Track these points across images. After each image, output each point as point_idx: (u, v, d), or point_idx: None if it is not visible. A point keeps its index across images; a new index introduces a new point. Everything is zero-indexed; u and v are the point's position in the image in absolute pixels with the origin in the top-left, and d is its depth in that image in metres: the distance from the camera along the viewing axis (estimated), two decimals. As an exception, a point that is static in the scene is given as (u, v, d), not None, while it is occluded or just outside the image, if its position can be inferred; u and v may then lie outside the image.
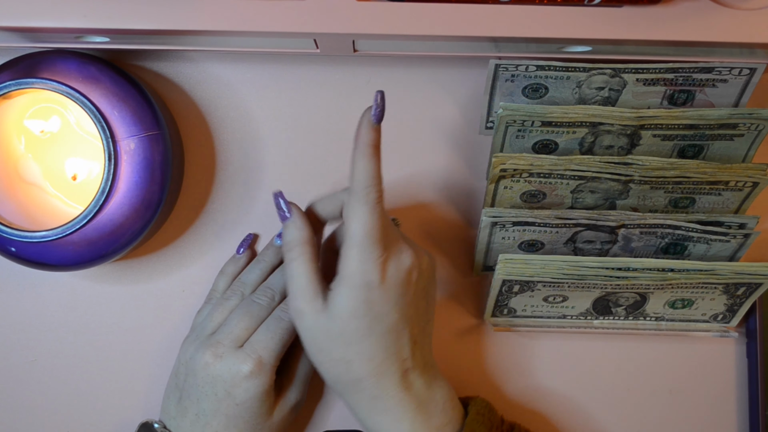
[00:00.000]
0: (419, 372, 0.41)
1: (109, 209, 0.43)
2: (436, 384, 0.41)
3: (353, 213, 0.38)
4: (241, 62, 0.50)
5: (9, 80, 0.42)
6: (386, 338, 0.39)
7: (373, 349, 0.39)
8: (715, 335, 0.51)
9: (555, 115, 0.45)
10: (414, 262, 0.39)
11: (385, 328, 0.39)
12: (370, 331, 0.39)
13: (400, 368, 0.40)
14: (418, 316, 0.41)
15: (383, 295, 0.39)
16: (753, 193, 0.46)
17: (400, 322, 0.39)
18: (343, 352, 0.39)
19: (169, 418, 0.45)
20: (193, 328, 0.47)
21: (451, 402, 0.42)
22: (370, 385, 0.39)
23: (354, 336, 0.39)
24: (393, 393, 0.40)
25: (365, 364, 0.39)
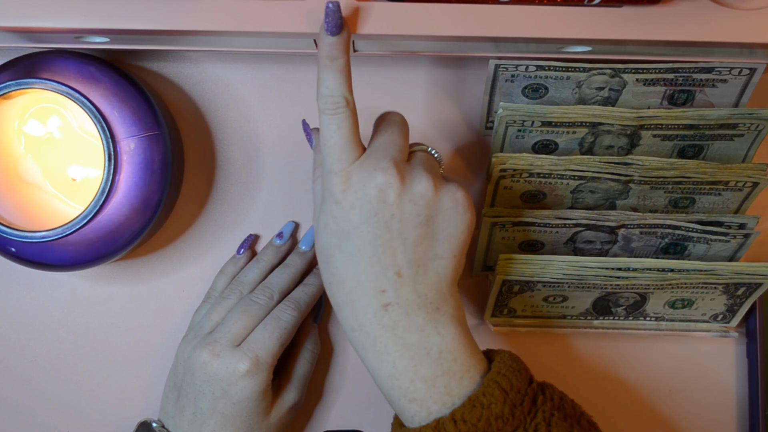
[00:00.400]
0: (408, 311, 0.36)
1: (109, 209, 0.43)
2: (436, 330, 0.36)
3: (319, 126, 0.37)
4: (241, 62, 0.50)
5: (9, 80, 0.42)
6: (355, 260, 0.36)
7: (344, 270, 0.36)
8: (715, 335, 0.51)
9: (555, 115, 0.45)
10: (390, 180, 0.36)
11: (353, 248, 0.36)
12: (339, 248, 0.36)
13: (377, 299, 0.36)
14: (407, 245, 0.36)
15: (346, 210, 0.36)
16: (753, 193, 0.46)
17: (372, 244, 0.36)
18: (325, 271, 0.38)
19: (167, 417, 0.45)
20: (191, 327, 0.47)
21: (454, 354, 0.36)
22: (347, 314, 0.37)
23: (327, 253, 0.37)
24: (369, 328, 0.36)
25: (339, 288, 0.37)
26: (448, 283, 0.37)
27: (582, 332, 0.51)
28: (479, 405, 0.34)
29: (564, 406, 0.36)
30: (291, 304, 0.46)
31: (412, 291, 0.36)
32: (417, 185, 0.36)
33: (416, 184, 0.36)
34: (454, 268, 0.37)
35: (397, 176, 0.36)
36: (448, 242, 0.37)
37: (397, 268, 0.36)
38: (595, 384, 0.51)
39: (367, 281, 0.36)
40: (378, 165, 0.36)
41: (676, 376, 0.51)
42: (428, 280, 0.36)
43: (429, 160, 0.39)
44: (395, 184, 0.36)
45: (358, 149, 0.37)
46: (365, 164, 0.36)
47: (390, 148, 0.37)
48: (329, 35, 0.36)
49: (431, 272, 0.37)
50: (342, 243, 0.36)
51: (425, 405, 0.35)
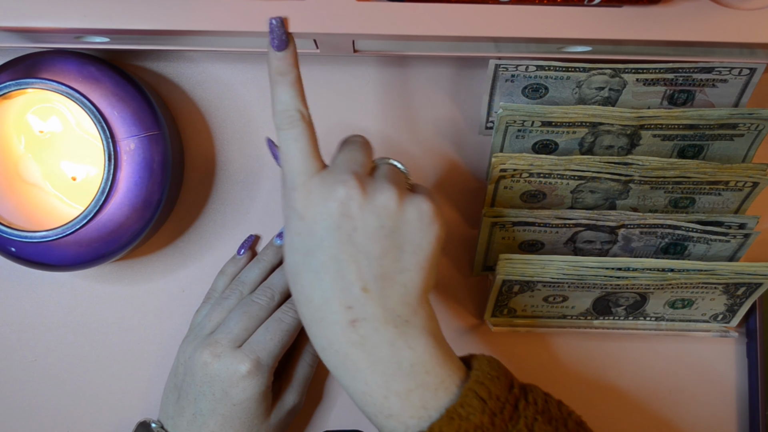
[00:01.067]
0: (378, 325, 0.35)
1: (109, 209, 0.43)
2: (406, 343, 0.35)
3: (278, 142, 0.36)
4: (241, 62, 0.50)
5: (9, 80, 0.42)
6: (320, 276, 0.35)
7: (309, 288, 0.35)
8: (715, 335, 0.51)
9: (555, 115, 0.45)
10: (351, 192, 0.35)
11: (318, 264, 0.35)
12: (304, 266, 0.35)
13: (344, 316, 0.35)
14: (371, 259, 0.35)
15: (309, 225, 0.35)
16: (753, 193, 0.46)
17: (336, 259, 0.35)
18: (293, 290, 0.36)
19: (166, 418, 0.45)
20: (191, 328, 0.47)
21: (426, 366, 0.35)
22: (316, 332, 0.36)
23: (293, 272, 0.36)
24: (339, 346, 0.35)
25: (306, 307, 0.36)
26: (417, 295, 0.36)
27: (582, 332, 0.51)
28: (457, 417, 0.33)
29: (549, 409, 0.35)
30: (293, 306, 0.45)
31: (379, 305, 0.35)
32: (379, 197, 0.35)
33: (378, 195, 0.35)
34: (422, 280, 0.36)
35: (358, 188, 0.35)
36: (415, 254, 0.36)
37: (363, 283, 0.35)
38: (595, 384, 0.51)
39: (333, 298, 0.35)
40: (338, 178, 0.35)
41: (676, 376, 0.51)
42: (395, 293, 0.35)
43: (393, 171, 0.38)
44: (356, 196, 0.35)
45: (318, 163, 0.36)
46: (326, 178, 0.35)
47: (351, 163, 0.37)
48: (276, 50, 0.35)
49: (398, 285, 0.35)
50: (307, 260, 0.35)
51: (402, 420, 0.34)
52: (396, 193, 0.35)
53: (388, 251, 0.35)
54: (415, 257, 0.36)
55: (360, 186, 0.35)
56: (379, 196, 0.35)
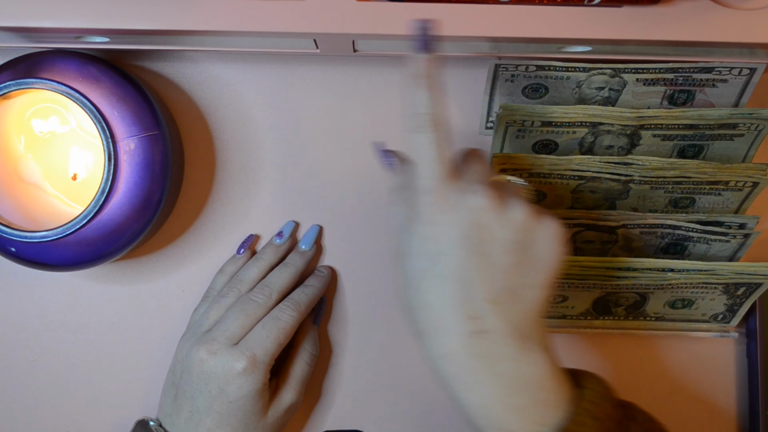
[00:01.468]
0: (501, 338, 0.34)
1: (109, 209, 0.43)
2: (528, 359, 0.35)
3: (409, 146, 0.36)
4: (241, 62, 0.50)
5: (9, 80, 0.42)
6: (446, 284, 0.34)
7: (433, 295, 0.35)
8: (715, 335, 0.51)
9: (555, 115, 0.45)
10: (486, 203, 0.35)
11: (444, 272, 0.34)
12: (429, 272, 0.35)
13: (468, 326, 0.34)
14: (498, 272, 0.35)
15: (439, 231, 0.35)
16: (753, 193, 0.46)
17: (464, 268, 0.34)
18: (409, 296, 0.36)
19: (165, 416, 0.45)
20: (189, 326, 0.47)
21: (545, 383, 0.35)
22: (435, 341, 0.35)
23: (415, 277, 0.35)
24: (459, 357, 0.34)
25: (426, 314, 0.35)
26: (538, 311, 0.36)
27: (582, 332, 0.51)
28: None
29: (654, 429, 0.36)
30: (290, 304, 0.46)
31: (504, 319, 0.35)
32: (512, 211, 0.35)
33: (511, 209, 0.35)
34: (544, 298, 0.36)
35: (494, 199, 0.35)
36: (540, 272, 0.36)
37: (490, 295, 0.34)
38: (595, 384, 0.51)
39: (458, 307, 0.34)
40: (474, 187, 0.35)
41: (676, 376, 0.51)
42: (520, 308, 0.35)
43: (520, 189, 0.38)
44: (491, 207, 0.35)
45: (451, 170, 0.36)
46: (461, 186, 0.35)
47: (482, 174, 0.37)
48: (417, 53, 0.36)
49: (522, 300, 0.35)
50: (432, 266, 0.35)
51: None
52: (528, 210, 0.35)
53: (516, 266, 0.35)
54: (540, 274, 0.36)
55: (495, 197, 0.35)
56: (512, 210, 0.35)
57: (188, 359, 0.44)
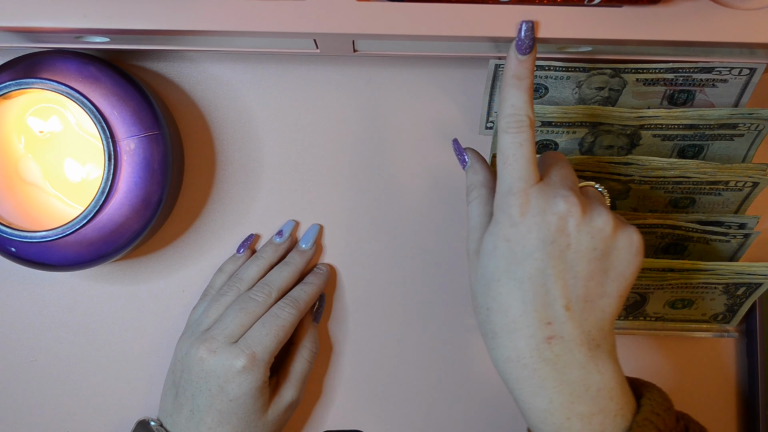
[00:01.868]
0: (573, 345, 0.35)
1: (109, 209, 0.43)
2: (596, 367, 0.35)
3: (498, 145, 0.37)
4: (241, 62, 0.50)
5: (9, 80, 0.42)
6: (524, 287, 0.35)
7: (509, 297, 0.35)
8: (715, 335, 0.51)
9: (555, 115, 0.45)
10: (571, 209, 0.35)
11: (524, 275, 0.35)
12: (507, 274, 0.35)
13: (541, 331, 0.35)
14: (577, 279, 0.35)
15: (522, 233, 0.35)
16: (753, 193, 0.46)
17: (544, 273, 0.35)
18: (483, 296, 0.36)
19: (165, 415, 0.45)
20: (188, 325, 0.47)
21: (611, 392, 0.35)
22: (505, 343, 0.35)
23: (492, 278, 0.36)
24: (529, 360, 0.35)
25: (500, 316, 0.35)
26: (611, 321, 0.36)
27: (582, 332, 0.51)
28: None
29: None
30: (290, 302, 0.46)
31: (578, 326, 0.35)
32: (596, 219, 0.35)
33: (596, 217, 0.35)
34: (618, 307, 0.36)
35: (578, 206, 0.35)
36: (617, 281, 0.36)
37: (566, 301, 0.35)
38: (595, 384, 0.51)
39: (534, 311, 0.35)
40: (559, 192, 0.35)
41: (676, 376, 0.51)
42: (594, 316, 0.35)
43: (602, 197, 0.39)
44: (576, 213, 0.35)
45: (537, 172, 0.36)
46: (546, 190, 0.36)
47: (567, 179, 0.37)
48: (520, 54, 0.36)
49: (597, 309, 0.35)
50: (511, 268, 0.35)
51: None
52: (612, 219, 0.36)
53: (595, 274, 0.35)
54: (617, 284, 0.36)
55: (580, 204, 0.35)
56: (597, 218, 0.35)
57: (188, 358, 0.44)
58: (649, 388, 0.37)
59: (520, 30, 0.37)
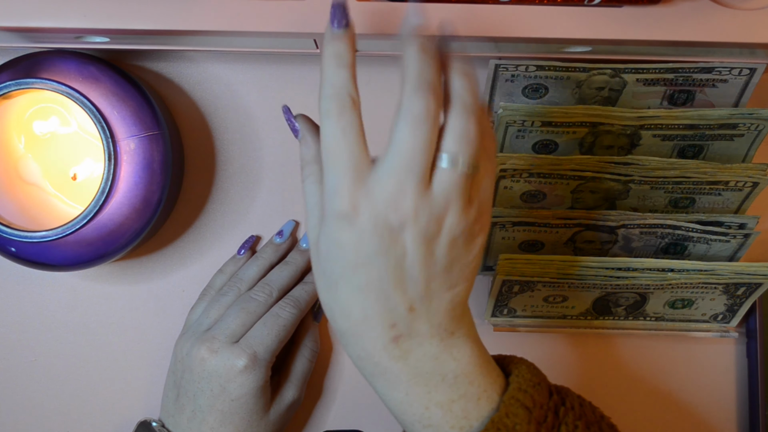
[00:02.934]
0: (423, 340, 0.33)
1: (109, 209, 0.43)
2: (451, 355, 0.34)
3: (321, 134, 0.32)
4: (241, 62, 0.50)
5: (9, 80, 0.42)
6: (362, 296, 0.32)
7: (349, 303, 0.33)
8: (715, 335, 0.51)
9: (555, 115, 0.45)
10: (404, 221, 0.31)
11: (361, 282, 0.32)
12: (344, 279, 0.33)
13: (386, 334, 0.33)
14: (417, 283, 0.32)
15: (354, 241, 0.32)
16: (753, 193, 0.46)
17: (381, 281, 0.32)
18: (326, 295, 0.34)
19: (167, 416, 0.45)
20: (187, 325, 0.47)
21: (470, 377, 0.34)
22: (353, 343, 0.34)
23: (331, 281, 0.33)
24: (378, 359, 0.33)
25: (343, 319, 0.33)
26: (462, 306, 0.34)
27: (582, 332, 0.51)
28: (503, 427, 0.32)
29: (585, 413, 0.35)
30: (290, 301, 0.46)
31: (426, 322, 0.33)
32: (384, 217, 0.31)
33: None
34: (468, 289, 0.34)
35: (412, 215, 0.31)
36: (462, 271, 0.34)
37: (409, 304, 0.33)
38: (595, 384, 0.51)
39: (375, 316, 0.33)
40: (393, 196, 0.31)
41: (676, 376, 0.51)
42: (442, 309, 0.33)
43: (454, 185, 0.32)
44: (410, 224, 0.31)
45: (366, 160, 0.32)
46: (377, 191, 0.31)
47: (409, 166, 0.31)
48: (335, 28, 0.32)
49: (445, 302, 0.33)
50: (347, 274, 0.32)
51: (442, 430, 0.34)
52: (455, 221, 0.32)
53: (437, 275, 0.33)
54: (462, 273, 0.34)
55: (414, 213, 0.31)
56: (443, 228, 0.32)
57: (189, 358, 0.44)
58: (517, 364, 0.35)
59: (333, 2, 0.32)
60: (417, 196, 0.31)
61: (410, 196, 0.31)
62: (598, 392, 0.51)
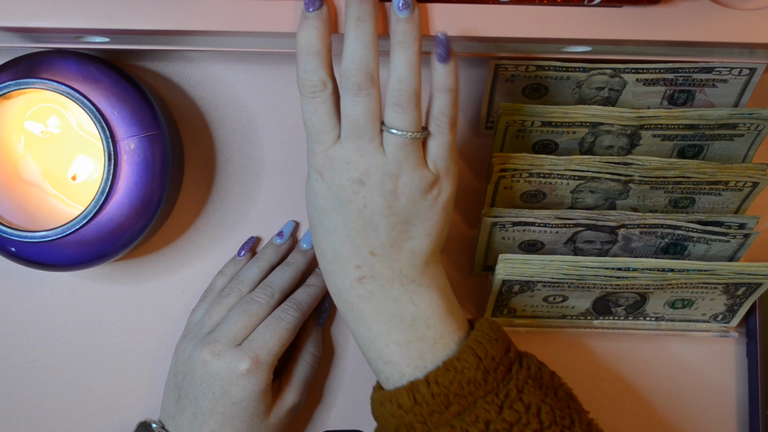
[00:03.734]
0: (384, 282, 0.38)
1: (109, 209, 0.43)
2: (410, 299, 0.38)
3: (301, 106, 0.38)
4: (241, 62, 0.50)
5: (9, 80, 0.42)
6: (332, 236, 0.38)
7: (322, 243, 0.39)
8: (715, 335, 0.51)
9: (555, 115, 0.45)
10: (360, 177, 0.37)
11: (330, 225, 0.38)
12: (319, 222, 0.39)
13: (352, 273, 0.38)
14: (378, 231, 0.38)
15: (323, 191, 0.38)
16: (753, 193, 0.46)
17: (345, 227, 0.38)
18: (312, 236, 0.40)
19: (167, 418, 0.45)
20: (188, 328, 0.47)
21: (427, 321, 0.38)
22: (329, 280, 0.39)
23: (311, 222, 0.40)
24: (347, 296, 0.39)
25: (320, 257, 0.40)
26: (425, 257, 0.39)
27: (582, 332, 0.51)
28: (452, 369, 0.36)
29: (541, 376, 0.38)
30: (293, 304, 0.46)
31: (386, 267, 0.38)
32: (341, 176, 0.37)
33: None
34: (431, 243, 0.39)
35: (366, 170, 0.37)
36: (422, 224, 0.38)
37: (371, 249, 0.38)
38: (595, 384, 0.51)
39: (343, 257, 0.38)
40: (351, 157, 0.37)
41: (676, 376, 0.51)
42: (403, 257, 0.38)
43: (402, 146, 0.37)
44: (366, 177, 0.37)
45: (334, 131, 0.38)
46: (339, 153, 0.37)
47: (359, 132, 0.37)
48: (307, 11, 0.37)
49: (405, 251, 0.38)
50: (321, 218, 0.39)
51: (399, 368, 0.37)
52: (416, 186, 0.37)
53: (396, 225, 0.38)
54: (422, 227, 0.38)
55: (367, 170, 0.37)
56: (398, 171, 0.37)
57: (191, 361, 0.44)
58: (481, 321, 0.39)
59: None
60: (370, 157, 0.37)
61: (365, 156, 0.37)
62: (598, 392, 0.51)
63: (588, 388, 0.51)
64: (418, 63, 0.37)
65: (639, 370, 0.51)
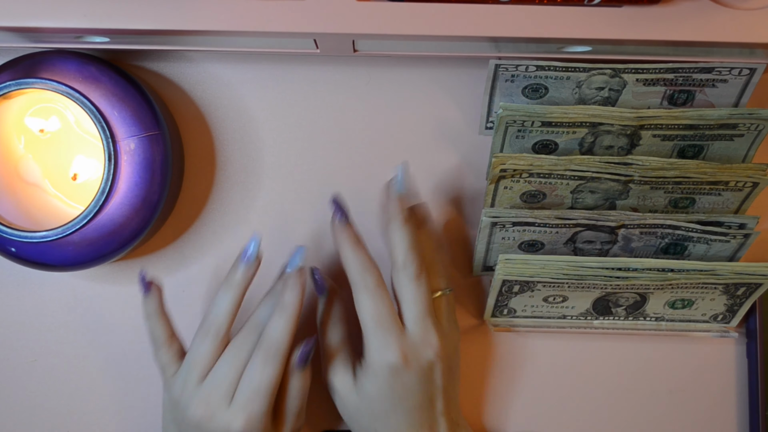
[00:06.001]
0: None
1: (109, 209, 0.43)
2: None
3: (357, 300, 0.42)
4: (241, 62, 0.50)
5: (9, 80, 0.42)
6: (412, 414, 0.42)
7: (399, 424, 0.42)
8: (715, 335, 0.51)
9: (555, 115, 0.45)
10: (438, 353, 0.42)
11: (411, 406, 0.42)
12: (395, 408, 0.41)
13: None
14: (442, 392, 0.43)
15: (407, 380, 0.41)
16: (753, 193, 0.46)
17: (425, 400, 0.42)
18: (370, 423, 0.43)
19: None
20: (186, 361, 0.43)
21: None
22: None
23: (380, 412, 0.42)
24: None
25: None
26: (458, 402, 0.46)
27: (582, 332, 0.51)
28: None
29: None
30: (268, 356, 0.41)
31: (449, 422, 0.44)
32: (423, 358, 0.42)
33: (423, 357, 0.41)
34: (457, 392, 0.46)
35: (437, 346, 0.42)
36: (457, 375, 0.46)
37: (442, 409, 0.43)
38: (595, 384, 0.51)
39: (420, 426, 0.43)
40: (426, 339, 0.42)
41: (676, 376, 0.51)
42: (453, 406, 0.45)
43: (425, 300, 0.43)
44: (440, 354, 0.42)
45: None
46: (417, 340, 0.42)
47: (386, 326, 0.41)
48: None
49: (453, 400, 0.45)
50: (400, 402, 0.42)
51: None
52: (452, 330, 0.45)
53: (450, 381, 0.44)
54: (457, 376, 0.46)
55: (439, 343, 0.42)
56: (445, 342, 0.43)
57: (186, 413, 0.41)
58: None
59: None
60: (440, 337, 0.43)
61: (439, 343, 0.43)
62: (597, 392, 0.51)
63: (588, 388, 0.51)
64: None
65: (639, 370, 0.51)
